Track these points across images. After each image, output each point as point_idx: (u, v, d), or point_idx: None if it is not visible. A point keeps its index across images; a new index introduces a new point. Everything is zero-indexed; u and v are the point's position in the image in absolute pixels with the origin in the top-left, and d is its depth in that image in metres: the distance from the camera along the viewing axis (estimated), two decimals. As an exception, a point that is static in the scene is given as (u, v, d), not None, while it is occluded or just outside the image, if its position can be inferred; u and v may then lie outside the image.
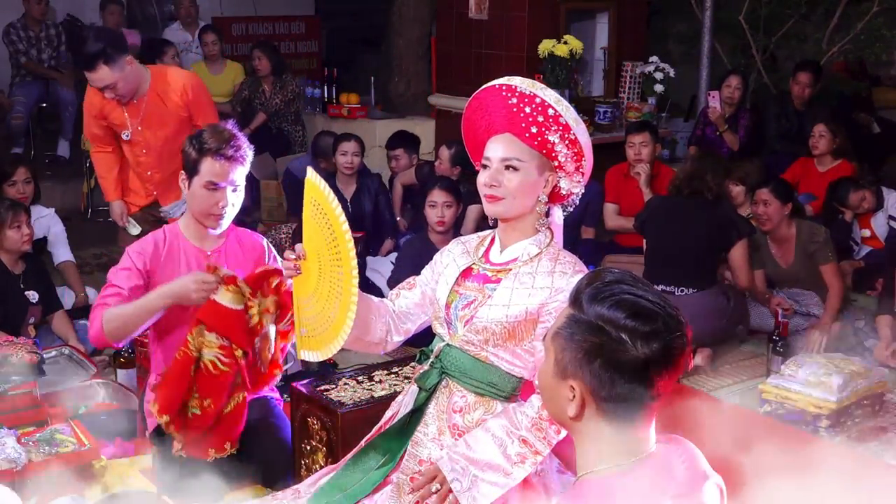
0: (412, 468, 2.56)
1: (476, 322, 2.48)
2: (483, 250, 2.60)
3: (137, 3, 9.46)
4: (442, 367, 2.56)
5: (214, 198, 3.23)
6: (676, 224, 4.81)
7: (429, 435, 2.57)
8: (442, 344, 2.58)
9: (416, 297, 2.70)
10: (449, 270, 2.61)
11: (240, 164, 3.24)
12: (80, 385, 3.99)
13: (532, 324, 2.44)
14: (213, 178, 3.21)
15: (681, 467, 1.58)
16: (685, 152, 7.43)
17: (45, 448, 3.29)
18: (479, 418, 2.51)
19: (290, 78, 7.75)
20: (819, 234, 5.08)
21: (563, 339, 1.55)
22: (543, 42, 6.57)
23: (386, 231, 6.07)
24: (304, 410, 3.17)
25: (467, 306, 2.53)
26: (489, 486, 2.36)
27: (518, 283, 2.47)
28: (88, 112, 4.64)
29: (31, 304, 4.49)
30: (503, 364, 2.50)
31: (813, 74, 6.81)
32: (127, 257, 3.32)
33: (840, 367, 4.08)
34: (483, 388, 2.52)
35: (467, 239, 2.70)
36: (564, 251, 2.55)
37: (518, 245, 2.53)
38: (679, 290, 4.71)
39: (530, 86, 2.43)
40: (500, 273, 2.52)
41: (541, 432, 2.36)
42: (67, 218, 5.81)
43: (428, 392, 2.58)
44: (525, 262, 2.49)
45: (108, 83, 4.37)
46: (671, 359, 1.51)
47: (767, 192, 5.08)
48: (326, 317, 2.53)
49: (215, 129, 3.28)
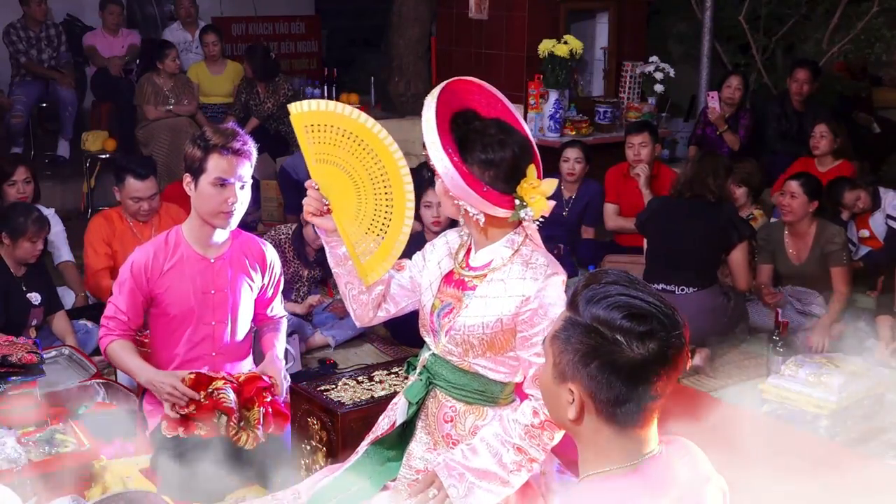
0: (409, 477, 2.57)
1: (454, 334, 2.46)
2: (464, 253, 2.57)
3: (137, 3, 9.45)
4: (429, 377, 2.56)
5: (224, 194, 3.19)
6: (677, 224, 4.81)
7: (423, 447, 2.58)
8: (427, 354, 2.58)
9: (404, 280, 2.67)
10: (433, 274, 2.59)
11: (247, 158, 3.21)
12: (80, 385, 3.99)
13: (510, 333, 2.42)
14: (221, 175, 3.16)
15: (683, 469, 1.57)
16: (685, 152, 7.43)
17: (45, 448, 3.29)
18: (472, 426, 2.51)
19: (282, 80, 7.73)
20: (838, 236, 5.06)
21: (560, 342, 1.55)
22: (543, 42, 6.56)
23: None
24: (304, 410, 3.17)
25: (447, 315, 2.51)
26: (486, 494, 2.35)
27: (491, 291, 2.43)
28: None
29: (33, 306, 4.49)
30: (488, 372, 2.48)
31: (811, 72, 6.81)
32: (128, 270, 3.32)
33: (840, 367, 4.07)
34: (471, 396, 2.51)
35: (452, 238, 2.65)
36: (539, 252, 2.47)
37: (491, 248, 2.48)
38: (680, 290, 4.71)
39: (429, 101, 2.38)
40: (475, 279, 2.48)
41: (534, 439, 2.36)
42: (67, 218, 5.81)
43: (416, 405, 2.58)
44: (498, 267, 2.45)
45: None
46: (669, 359, 1.50)
47: (797, 185, 5.05)
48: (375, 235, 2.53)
49: (217, 128, 3.26)
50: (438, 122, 2.35)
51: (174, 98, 7.42)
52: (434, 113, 2.34)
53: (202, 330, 3.35)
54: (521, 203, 2.38)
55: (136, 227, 4.79)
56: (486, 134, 2.38)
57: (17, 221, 4.42)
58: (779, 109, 6.94)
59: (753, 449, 2.80)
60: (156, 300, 3.33)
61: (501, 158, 2.36)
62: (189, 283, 3.30)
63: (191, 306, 3.32)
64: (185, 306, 3.32)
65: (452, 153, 2.34)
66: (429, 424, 2.58)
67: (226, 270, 3.34)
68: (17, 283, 4.47)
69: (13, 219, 4.43)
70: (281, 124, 7.66)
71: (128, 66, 8.13)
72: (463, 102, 2.45)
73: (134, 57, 8.21)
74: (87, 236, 4.85)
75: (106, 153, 7.45)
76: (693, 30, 7.98)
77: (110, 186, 7.54)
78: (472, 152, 2.36)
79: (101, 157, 7.44)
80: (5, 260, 4.46)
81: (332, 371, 4.42)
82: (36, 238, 4.46)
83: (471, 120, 2.42)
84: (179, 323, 3.34)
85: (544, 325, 2.36)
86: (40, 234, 4.48)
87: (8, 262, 4.46)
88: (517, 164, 2.38)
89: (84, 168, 7.44)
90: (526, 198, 2.38)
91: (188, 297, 3.31)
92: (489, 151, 2.36)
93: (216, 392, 3.16)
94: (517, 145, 2.39)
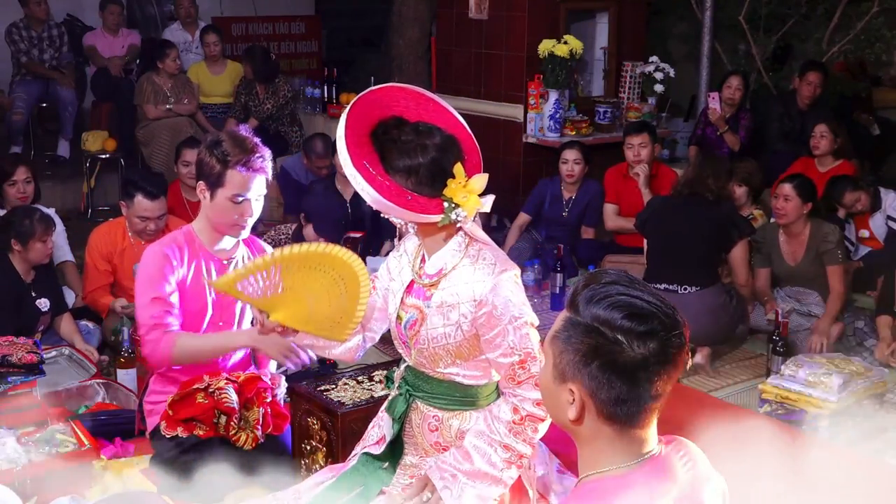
0: (403, 482, 2.58)
1: (422, 347, 2.46)
2: (419, 260, 2.53)
3: (137, 3, 9.46)
4: (408, 389, 2.56)
5: (240, 209, 3.16)
6: (677, 223, 4.81)
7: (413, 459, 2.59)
8: (403, 367, 2.58)
9: (378, 300, 2.64)
10: (395, 284, 2.57)
11: (263, 174, 3.16)
12: (80, 385, 3.99)
13: (475, 339, 2.40)
14: (239, 191, 3.12)
15: (683, 469, 1.57)
16: (685, 152, 7.43)
17: (45, 448, 3.28)
18: (457, 430, 2.51)
19: (282, 81, 7.72)
20: (833, 235, 5.06)
21: (560, 343, 1.54)
22: (543, 42, 6.56)
23: (386, 231, 6.07)
24: (304, 410, 3.17)
25: (412, 327, 2.49)
26: (479, 493, 2.36)
27: (446, 299, 2.40)
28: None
29: (42, 313, 4.47)
30: (462, 379, 2.48)
31: (822, 74, 6.81)
32: (154, 260, 3.20)
33: (840, 367, 4.08)
34: (451, 403, 2.52)
35: (409, 246, 2.59)
36: (487, 249, 2.42)
37: (440, 253, 2.44)
38: (682, 289, 4.71)
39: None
40: (431, 287, 2.46)
41: (519, 435, 2.36)
42: (67, 218, 5.81)
43: (400, 421, 2.58)
44: (448, 272, 2.42)
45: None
46: (669, 358, 1.50)
47: (790, 188, 5.04)
48: (334, 316, 2.53)
49: (236, 139, 3.16)
50: (351, 139, 2.30)
51: (174, 98, 7.43)
52: (344, 131, 2.30)
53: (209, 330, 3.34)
54: (451, 205, 2.32)
55: (138, 246, 4.71)
56: (402, 141, 2.32)
57: (23, 225, 4.39)
58: (782, 109, 6.94)
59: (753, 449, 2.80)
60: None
61: (419, 164, 2.31)
62: (203, 283, 3.30)
63: (200, 306, 3.32)
64: (195, 306, 3.31)
65: (370, 167, 2.29)
66: (415, 436, 2.58)
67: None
68: (28, 291, 4.45)
69: (18, 223, 4.41)
70: (281, 125, 7.66)
71: (128, 66, 8.13)
72: (387, 111, 2.39)
73: (134, 57, 8.21)
74: (88, 249, 4.80)
75: (106, 153, 7.46)
76: (693, 30, 7.98)
77: (110, 186, 7.61)
78: (392, 162, 2.32)
79: (101, 157, 7.45)
80: (16, 267, 4.44)
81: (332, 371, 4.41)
82: (45, 237, 4.44)
83: (390, 129, 2.35)
84: (187, 322, 3.33)
85: (503, 324, 2.33)
86: (48, 233, 4.46)
87: (19, 268, 4.44)
88: (439, 166, 2.32)
89: (84, 168, 7.44)
90: (456, 198, 2.32)
91: (198, 297, 3.31)
92: (406, 158, 2.31)
93: (217, 392, 3.16)
94: (436, 147, 2.33)
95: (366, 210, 5.98)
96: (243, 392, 3.21)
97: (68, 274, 5.16)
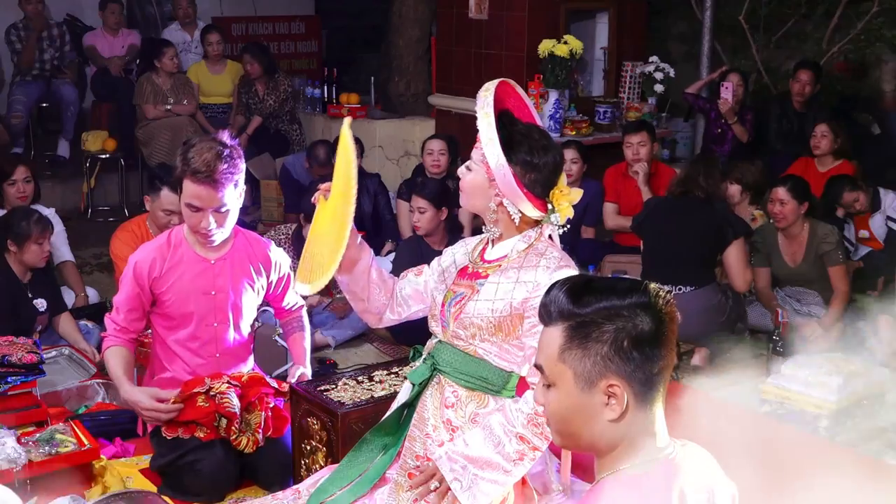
0: (410, 465, 2.58)
1: (464, 318, 2.51)
2: (480, 249, 2.64)
3: (137, 3, 9.46)
4: (433, 362, 2.59)
5: (196, 217, 3.17)
6: (673, 224, 4.82)
7: (423, 431, 2.58)
8: (434, 341, 2.62)
9: (419, 284, 2.73)
10: (450, 270, 2.66)
11: (223, 187, 3.10)
12: (80, 385, 3.99)
13: (518, 318, 2.46)
14: (191, 201, 3.13)
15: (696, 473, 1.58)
16: (685, 152, 7.44)
17: (45, 448, 3.29)
18: (472, 412, 2.53)
19: (281, 77, 7.74)
20: (832, 236, 5.05)
21: (576, 349, 1.54)
22: (543, 42, 6.56)
23: (385, 231, 6.07)
24: (304, 410, 3.17)
25: (458, 303, 2.56)
26: (489, 485, 2.36)
27: (504, 278, 2.50)
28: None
29: (39, 313, 4.47)
30: (492, 358, 2.52)
31: (813, 73, 6.81)
32: (130, 273, 3.29)
33: (840, 367, 4.07)
34: (473, 382, 2.53)
35: (472, 240, 2.74)
36: (554, 248, 2.55)
37: (508, 242, 2.56)
38: (677, 289, 4.71)
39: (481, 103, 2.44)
40: (489, 269, 2.55)
41: (537, 427, 2.37)
42: (67, 218, 5.81)
43: (420, 387, 2.59)
44: (514, 258, 2.52)
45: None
46: (670, 316, 1.55)
47: (784, 191, 5.02)
48: (322, 256, 2.59)
49: (203, 148, 3.10)
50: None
51: (173, 97, 7.42)
52: (492, 109, 2.40)
53: (204, 331, 3.35)
54: (552, 208, 2.50)
55: None
56: (532, 137, 2.46)
57: (19, 226, 4.40)
58: (779, 109, 6.94)
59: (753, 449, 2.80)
60: (157, 300, 3.33)
61: (545, 163, 2.45)
62: (189, 284, 3.30)
63: (191, 307, 3.32)
64: (186, 307, 3.32)
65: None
66: (432, 409, 2.59)
67: (226, 271, 3.34)
68: (24, 291, 4.45)
69: (15, 224, 4.41)
70: (281, 123, 7.66)
71: (128, 66, 8.13)
72: (500, 104, 2.50)
73: (134, 57, 8.21)
74: (114, 254, 4.77)
75: (106, 153, 7.45)
76: (693, 30, 7.97)
77: (110, 186, 7.61)
78: (517, 153, 2.43)
79: (101, 157, 7.44)
80: (12, 268, 4.44)
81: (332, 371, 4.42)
82: (41, 239, 4.44)
83: (514, 122, 2.49)
84: (180, 324, 3.34)
85: None
86: (44, 235, 4.46)
87: (15, 269, 4.44)
88: (556, 170, 2.49)
89: (84, 168, 7.44)
90: (556, 204, 2.50)
91: (189, 298, 3.31)
92: (534, 155, 2.44)
93: (219, 396, 3.16)
94: (557, 153, 2.50)
95: (366, 210, 5.99)
96: (246, 395, 3.22)
97: (68, 274, 5.16)
